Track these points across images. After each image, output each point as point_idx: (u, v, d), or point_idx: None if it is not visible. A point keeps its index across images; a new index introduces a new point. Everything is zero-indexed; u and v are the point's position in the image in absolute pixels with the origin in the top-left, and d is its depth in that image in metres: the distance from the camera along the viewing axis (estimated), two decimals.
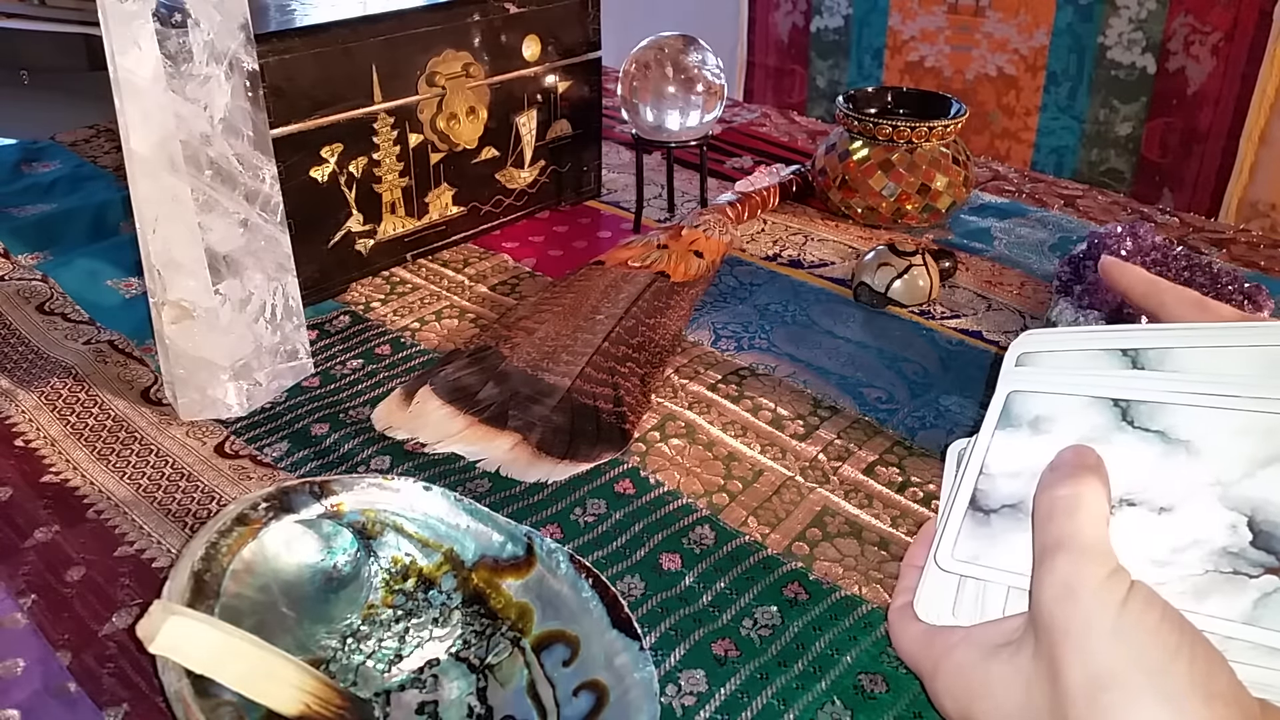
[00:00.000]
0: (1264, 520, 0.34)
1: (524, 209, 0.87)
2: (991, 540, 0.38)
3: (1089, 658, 0.31)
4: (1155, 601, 0.32)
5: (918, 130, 0.82)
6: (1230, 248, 0.83)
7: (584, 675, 0.40)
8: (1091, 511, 0.35)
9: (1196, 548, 0.34)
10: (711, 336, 0.69)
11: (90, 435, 0.58)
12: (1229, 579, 0.33)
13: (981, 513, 0.38)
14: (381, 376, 0.64)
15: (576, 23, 0.84)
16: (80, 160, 0.99)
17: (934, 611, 0.39)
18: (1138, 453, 0.36)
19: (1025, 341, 0.39)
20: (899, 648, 0.41)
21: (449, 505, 0.44)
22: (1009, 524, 0.38)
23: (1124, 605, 0.32)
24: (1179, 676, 0.30)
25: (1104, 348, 0.38)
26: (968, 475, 0.39)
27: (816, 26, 2.04)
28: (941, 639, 0.38)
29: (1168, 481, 0.35)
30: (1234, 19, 1.58)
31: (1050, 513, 0.35)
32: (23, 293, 0.74)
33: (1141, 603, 0.32)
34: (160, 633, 0.32)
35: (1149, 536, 0.34)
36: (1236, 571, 0.34)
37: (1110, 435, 0.37)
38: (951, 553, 0.38)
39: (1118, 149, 1.75)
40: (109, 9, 0.50)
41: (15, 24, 2.15)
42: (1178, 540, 0.35)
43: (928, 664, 0.38)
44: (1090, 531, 0.34)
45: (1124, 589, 0.32)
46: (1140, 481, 0.36)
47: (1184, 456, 0.35)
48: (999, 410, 0.39)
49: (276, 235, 0.59)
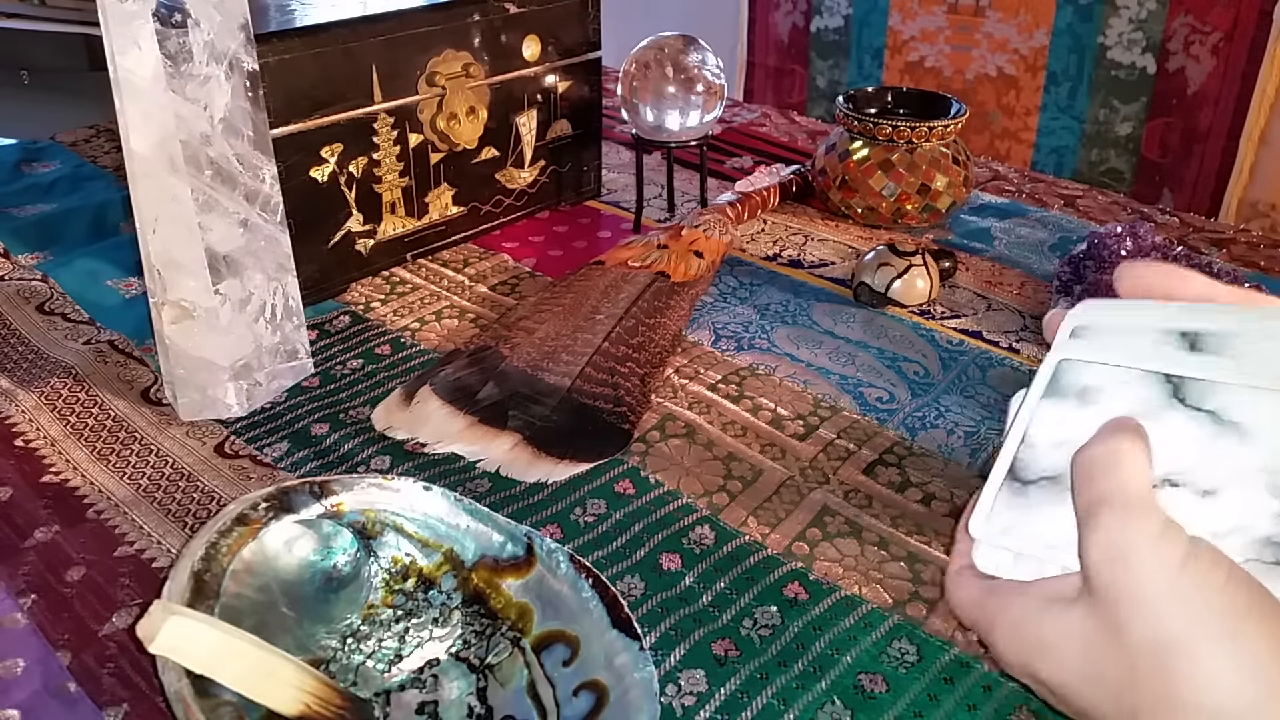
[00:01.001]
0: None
1: (524, 209, 0.87)
2: (1027, 511, 0.36)
3: (1153, 621, 0.30)
4: (1220, 561, 0.31)
5: (918, 130, 0.82)
6: (1230, 248, 0.83)
7: (584, 675, 0.40)
8: (1133, 466, 0.33)
9: (1238, 534, 0.33)
10: (711, 336, 0.69)
11: (90, 435, 0.58)
12: (1269, 569, 0.32)
13: (1019, 483, 0.37)
14: (381, 376, 0.64)
15: (576, 23, 0.84)
16: (80, 160, 0.99)
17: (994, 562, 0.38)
18: (1187, 431, 0.35)
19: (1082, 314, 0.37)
20: (957, 608, 0.39)
21: (449, 505, 0.44)
22: (1047, 495, 0.36)
23: (1184, 566, 0.31)
24: (1253, 639, 0.29)
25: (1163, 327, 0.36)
26: (1009, 444, 0.37)
27: (816, 26, 2.04)
28: (997, 595, 0.37)
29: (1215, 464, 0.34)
30: (1234, 19, 1.58)
31: (1089, 472, 0.34)
32: (23, 293, 0.74)
33: (1206, 563, 0.31)
34: (160, 633, 0.32)
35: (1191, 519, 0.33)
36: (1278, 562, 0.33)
37: (1160, 411, 0.35)
38: (986, 523, 0.37)
39: (1118, 149, 1.75)
40: (109, 9, 0.50)
41: (15, 24, 2.15)
42: (1219, 525, 0.33)
43: (984, 620, 0.37)
44: (1135, 486, 0.33)
45: (1181, 548, 0.31)
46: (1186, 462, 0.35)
47: (1234, 439, 0.34)
48: (1047, 379, 0.37)
49: (276, 235, 0.59)
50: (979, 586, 0.38)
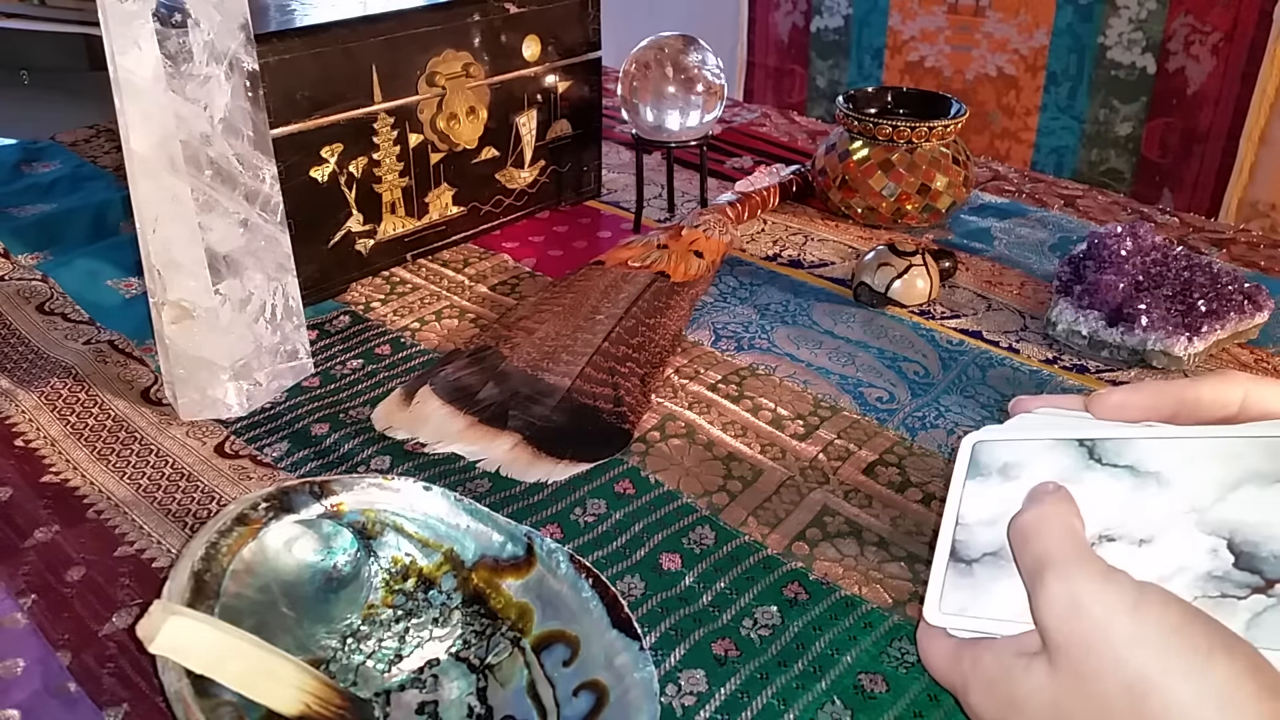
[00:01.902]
0: (1243, 541, 0.34)
1: (524, 209, 0.87)
2: (976, 590, 0.38)
3: (1120, 667, 0.31)
4: (1171, 601, 0.32)
5: (918, 130, 0.82)
6: (1230, 248, 0.83)
7: (584, 675, 0.40)
8: (1062, 524, 0.35)
9: (1181, 575, 0.35)
10: (711, 336, 0.69)
11: (90, 435, 0.58)
12: (1218, 603, 0.34)
13: (964, 563, 0.39)
14: (381, 376, 0.64)
15: (576, 23, 0.84)
16: (80, 160, 0.99)
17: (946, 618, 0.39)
18: (1110, 488, 0.37)
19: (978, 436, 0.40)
20: (930, 667, 0.40)
21: (449, 505, 0.44)
22: (992, 572, 0.38)
23: (1135, 609, 0.31)
24: (1220, 674, 0.30)
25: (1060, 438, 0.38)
26: (944, 528, 0.39)
27: (816, 26, 2.04)
28: (968, 653, 0.37)
29: (1143, 513, 0.36)
30: (1234, 19, 1.58)
31: (1024, 537, 0.36)
32: (23, 293, 0.74)
33: (1158, 606, 0.31)
34: (160, 633, 0.32)
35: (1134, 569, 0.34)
36: (1224, 595, 0.34)
37: (1080, 473, 0.37)
38: (939, 607, 0.38)
39: (1118, 149, 1.75)
40: (109, 9, 0.50)
41: (15, 24, 2.15)
42: (1163, 569, 0.35)
43: (958, 679, 0.38)
44: (1067, 542, 0.34)
45: (1130, 592, 0.32)
46: (1117, 516, 0.37)
47: (1155, 487, 0.36)
48: (966, 462, 0.40)
49: (276, 235, 0.59)
50: (950, 644, 0.39)
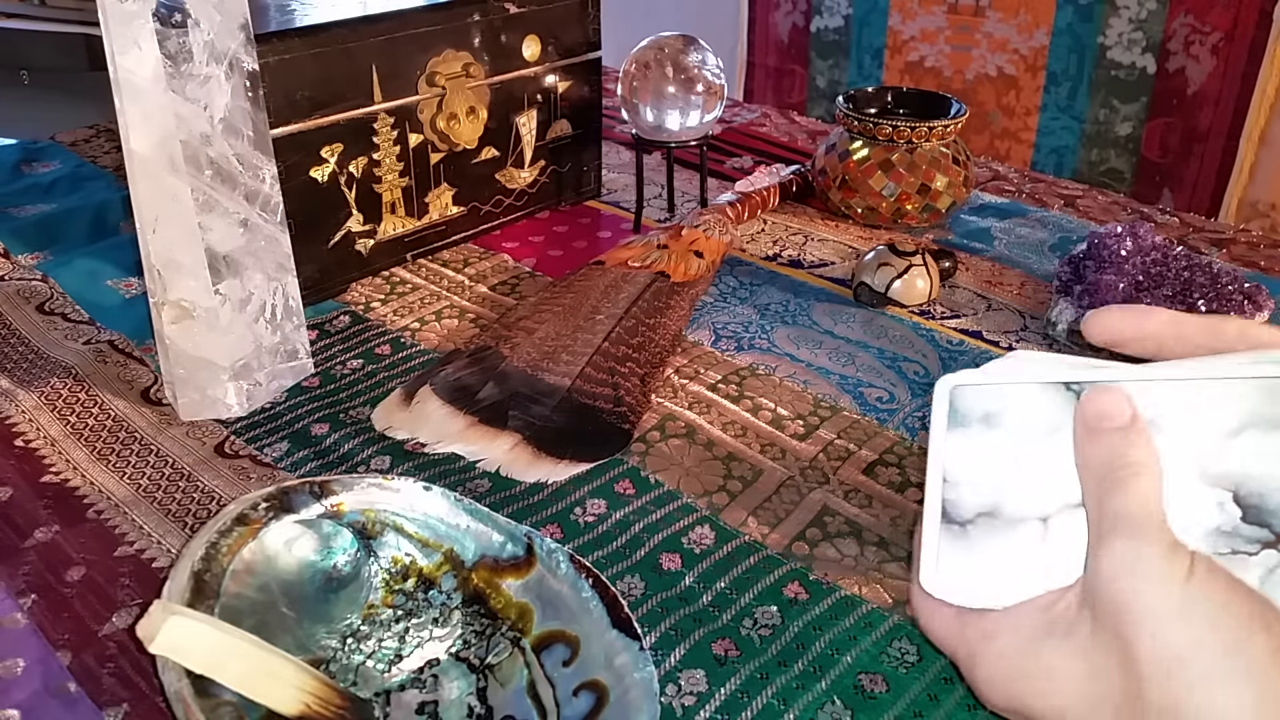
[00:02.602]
0: (1248, 493, 0.32)
1: (524, 209, 0.87)
2: (973, 555, 0.35)
3: (1158, 638, 0.30)
4: (1219, 574, 0.31)
5: (918, 130, 0.82)
6: (1230, 248, 0.83)
7: (584, 675, 0.40)
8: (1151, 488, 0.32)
9: (1193, 531, 0.33)
10: (711, 336, 0.69)
11: (90, 435, 0.58)
12: (1229, 560, 0.32)
13: (957, 525, 0.35)
14: (381, 376, 0.64)
15: (576, 23, 0.84)
16: (80, 160, 0.99)
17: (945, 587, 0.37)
18: None
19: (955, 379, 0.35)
20: (928, 631, 0.38)
21: (449, 505, 0.44)
22: (988, 535, 0.35)
23: (1187, 582, 0.30)
24: (1257, 651, 0.29)
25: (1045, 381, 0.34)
26: (931, 487, 0.35)
27: (816, 26, 2.04)
28: (976, 624, 0.36)
29: None
30: (1234, 19, 1.58)
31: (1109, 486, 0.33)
32: (23, 293, 0.74)
33: (1205, 577, 0.31)
34: (160, 633, 0.32)
35: None
36: (1235, 551, 0.32)
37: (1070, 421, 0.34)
38: (935, 574, 0.35)
39: (1118, 149, 1.75)
40: (109, 9, 0.50)
41: (15, 24, 2.15)
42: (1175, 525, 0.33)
43: (964, 650, 0.36)
44: (1150, 506, 0.32)
45: (1185, 565, 0.31)
46: None
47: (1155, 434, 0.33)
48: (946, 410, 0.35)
49: (276, 235, 0.59)
50: (951, 612, 0.37)
